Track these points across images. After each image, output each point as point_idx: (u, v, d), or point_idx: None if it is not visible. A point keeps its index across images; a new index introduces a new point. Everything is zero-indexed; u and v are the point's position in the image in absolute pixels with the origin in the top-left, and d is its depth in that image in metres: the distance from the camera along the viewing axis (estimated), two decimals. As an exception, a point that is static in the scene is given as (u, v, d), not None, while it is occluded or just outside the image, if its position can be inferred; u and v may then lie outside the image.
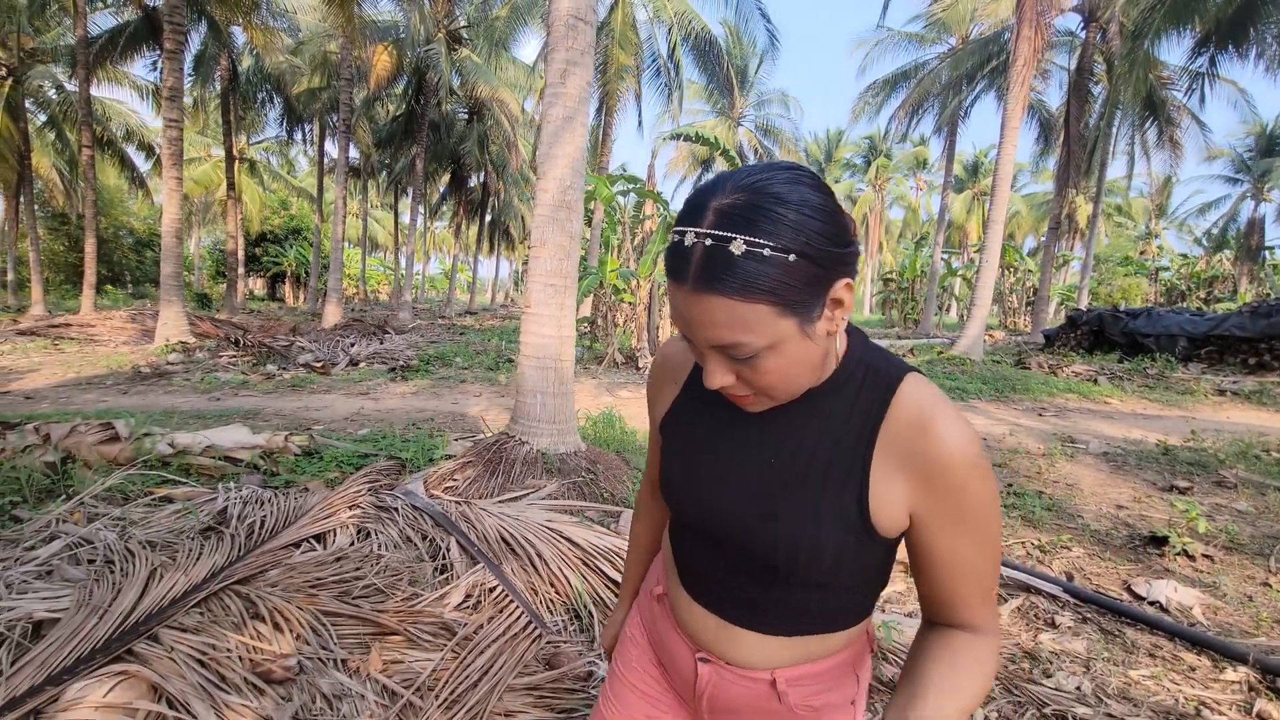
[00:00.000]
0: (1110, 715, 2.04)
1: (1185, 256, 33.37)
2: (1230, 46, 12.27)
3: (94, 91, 16.26)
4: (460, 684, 1.94)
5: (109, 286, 30.08)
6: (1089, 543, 3.54)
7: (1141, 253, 34.81)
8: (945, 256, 24.90)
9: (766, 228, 0.53)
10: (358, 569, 2.62)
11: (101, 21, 18.02)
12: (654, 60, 16.03)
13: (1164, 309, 13.69)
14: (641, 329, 10.49)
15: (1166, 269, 32.82)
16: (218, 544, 2.72)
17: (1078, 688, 2.20)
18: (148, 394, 7.04)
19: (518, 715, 1.88)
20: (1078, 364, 11.31)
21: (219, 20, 16.98)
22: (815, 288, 0.56)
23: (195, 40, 18.14)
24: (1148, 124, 17.30)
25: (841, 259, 0.57)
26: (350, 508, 3.06)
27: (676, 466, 0.76)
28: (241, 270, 22.44)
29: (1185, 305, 27.72)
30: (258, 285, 40.00)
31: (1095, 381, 9.91)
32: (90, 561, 2.65)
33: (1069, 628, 2.63)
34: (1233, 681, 2.28)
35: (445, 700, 1.88)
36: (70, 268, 30.09)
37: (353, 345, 10.21)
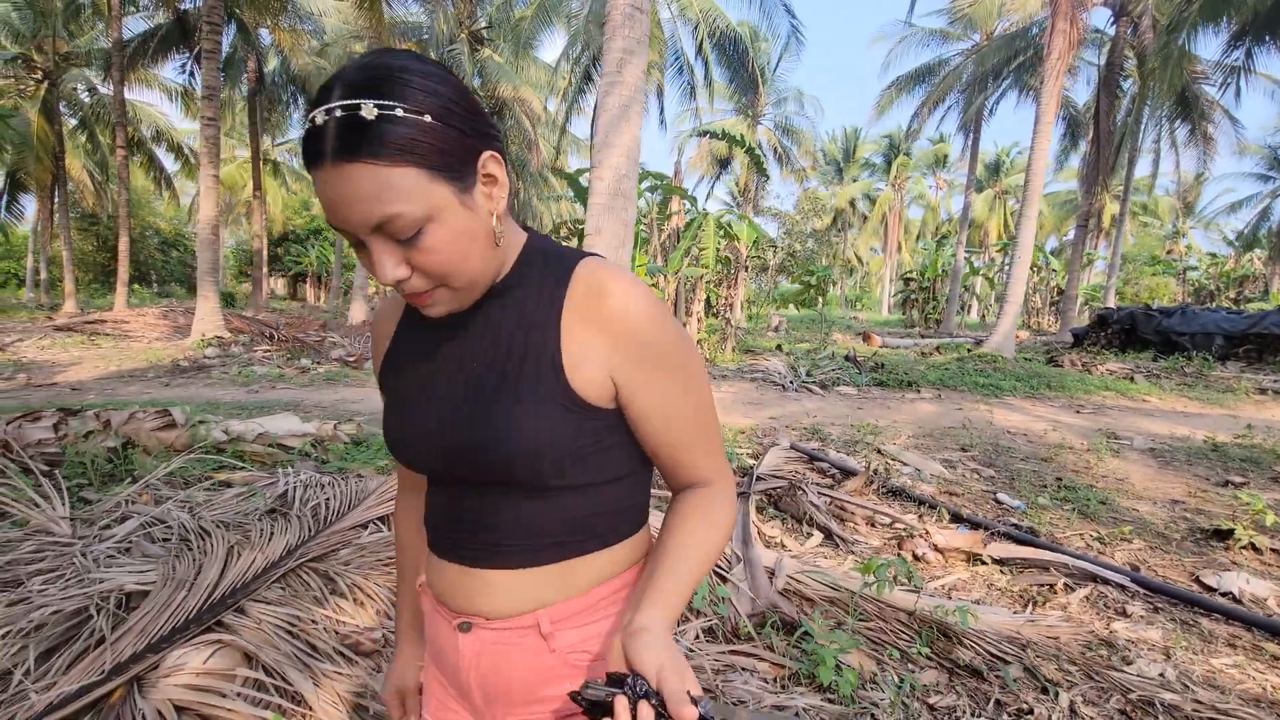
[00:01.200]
0: (1199, 702, 2.01)
1: (1214, 256, 32.73)
2: (1268, 39, 12.02)
3: (126, 94, 16.57)
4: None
5: (136, 285, 30.62)
6: (1149, 536, 3.48)
7: (1169, 252, 34.20)
8: (967, 255, 24.62)
9: (397, 91, 0.52)
10: (426, 550, 2.65)
11: (132, 25, 18.37)
12: (676, 58, 16.03)
13: (1199, 308, 13.44)
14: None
15: (1195, 268, 32.20)
16: (287, 525, 2.77)
17: (1161, 674, 2.17)
18: (188, 386, 7.16)
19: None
20: (1111, 362, 11.14)
21: (247, 23, 17.26)
22: (461, 154, 0.56)
23: (224, 42, 18.44)
24: (1178, 120, 16.99)
25: (480, 128, 0.58)
26: (411, 492, 3.09)
27: (394, 412, 0.73)
28: (265, 270, 22.77)
29: (1216, 305, 27.18)
30: (278, 285, 40.59)
31: (1132, 379, 9.75)
32: (164, 540, 2.71)
33: (1141, 617, 2.60)
34: (1320, 671, 2.24)
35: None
36: (99, 267, 30.71)
37: (383, 341, 10.33)
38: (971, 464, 4.83)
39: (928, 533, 3.17)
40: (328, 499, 3.08)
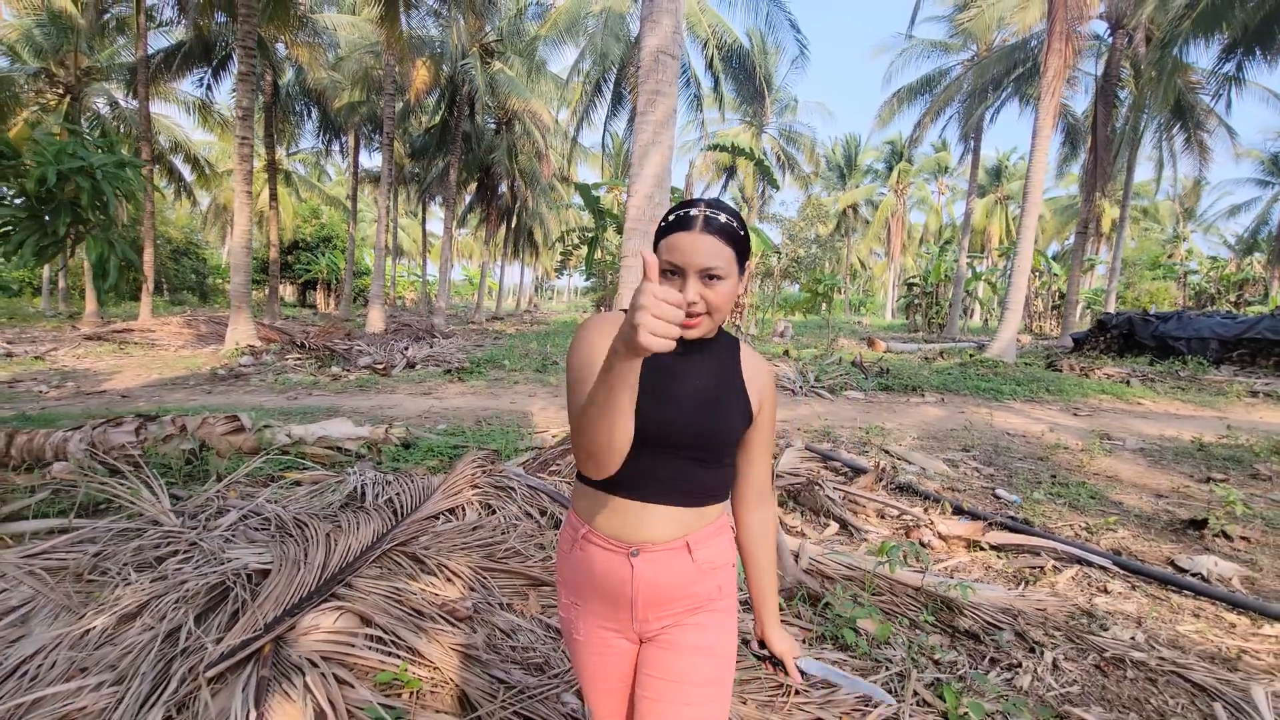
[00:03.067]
0: (1163, 659, 2.38)
1: (1215, 259, 32.99)
2: (1258, 51, 12.39)
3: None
4: (611, 623, 2.33)
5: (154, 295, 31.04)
6: (1133, 525, 3.85)
7: (1170, 256, 34.48)
8: (969, 260, 24.97)
9: (739, 220, 1.03)
10: (492, 536, 3.03)
11: (154, 42, 18.87)
12: (684, 71, 16.45)
13: (1194, 312, 13.77)
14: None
15: (1195, 272, 32.47)
16: (368, 516, 3.15)
17: (1132, 638, 2.54)
18: (230, 393, 7.56)
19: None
20: (1109, 366, 11.48)
21: (265, 37, 17.72)
22: (741, 260, 1.03)
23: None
24: (1175, 128, 17.36)
25: (749, 253, 1.06)
26: (471, 487, 3.47)
27: (646, 396, 1.00)
28: (279, 277, 23.21)
29: (1215, 309, 27.45)
30: (288, 291, 41.05)
31: (1128, 383, 10.10)
32: (261, 530, 3.09)
33: (1120, 594, 2.96)
34: (1270, 636, 2.60)
35: (602, 634, 2.28)
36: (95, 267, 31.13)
37: (406, 349, 10.72)
38: (973, 463, 5.19)
39: (932, 523, 3.54)
40: (398, 494, 3.46)
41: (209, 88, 20.04)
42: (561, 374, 9.84)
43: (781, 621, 2.64)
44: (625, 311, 0.98)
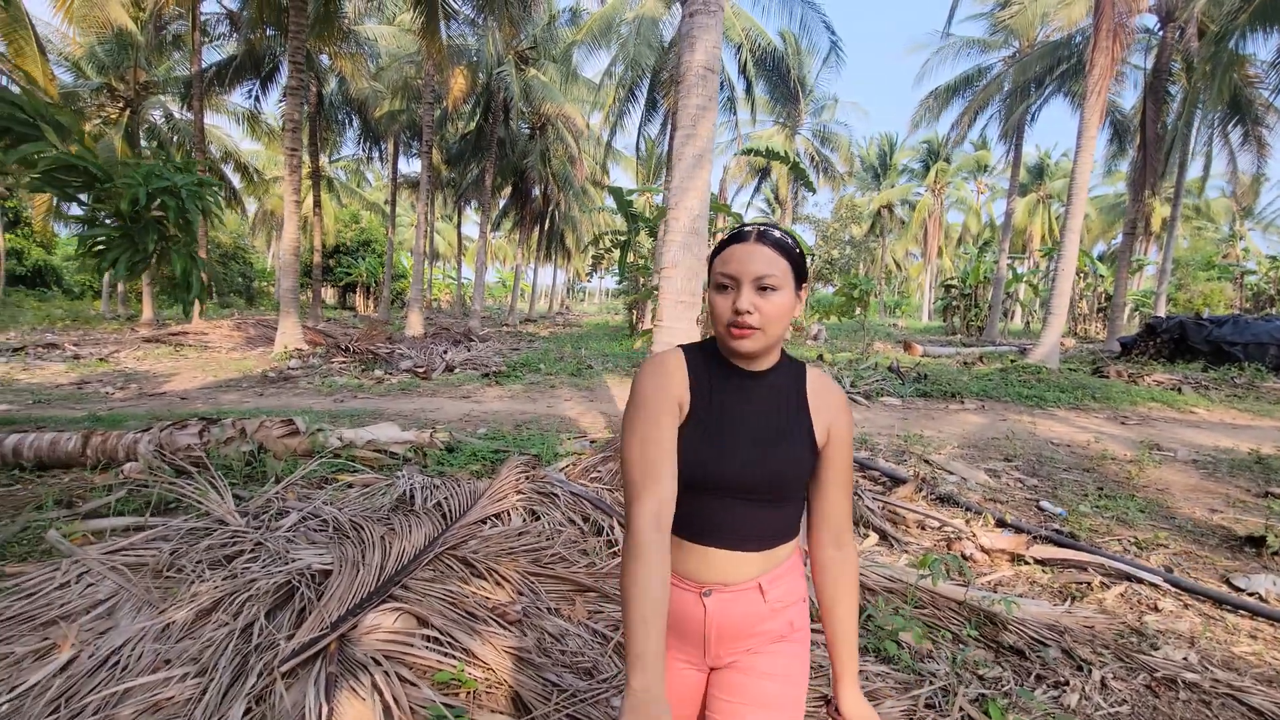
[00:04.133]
0: (1217, 681, 2.34)
1: (1274, 259, 31.49)
2: (1324, 44, 11.82)
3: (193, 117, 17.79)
4: (656, 630, 2.40)
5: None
6: (1185, 541, 3.75)
7: (1225, 256, 33.01)
8: (1010, 261, 24.35)
9: (789, 237, 1.04)
10: (537, 541, 3.12)
11: (205, 55, 19.68)
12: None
13: (1252, 316, 13.19)
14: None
15: (1253, 273, 31.06)
16: (418, 520, 3.28)
17: (1184, 658, 2.50)
18: (280, 395, 7.86)
19: (707, 655, 2.33)
20: (1159, 373, 11.09)
21: (310, 50, 18.34)
22: (797, 277, 1.04)
23: (287, 67, 19.66)
24: (1231, 124, 16.65)
25: (805, 276, 1.06)
26: (516, 493, 3.58)
27: (710, 439, 1.04)
28: (321, 281, 23.97)
29: (1275, 311, 26.21)
30: (329, 294, 42.29)
31: (1179, 390, 9.74)
32: (319, 530, 3.25)
33: (1172, 612, 2.91)
34: (1333, 660, 2.52)
35: (648, 641, 2.35)
36: (165, 279, 32.60)
37: (445, 352, 10.98)
38: (1015, 474, 5.11)
39: (974, 535, 3.52)
40: (445, 498, 3.59)
41: (257, 99, 20.83)
42: (595, 378, 9.95)
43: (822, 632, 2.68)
44: (684, 347, 1.14)
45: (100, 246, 2.32)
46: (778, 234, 1.03)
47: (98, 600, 2.58)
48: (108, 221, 2.29)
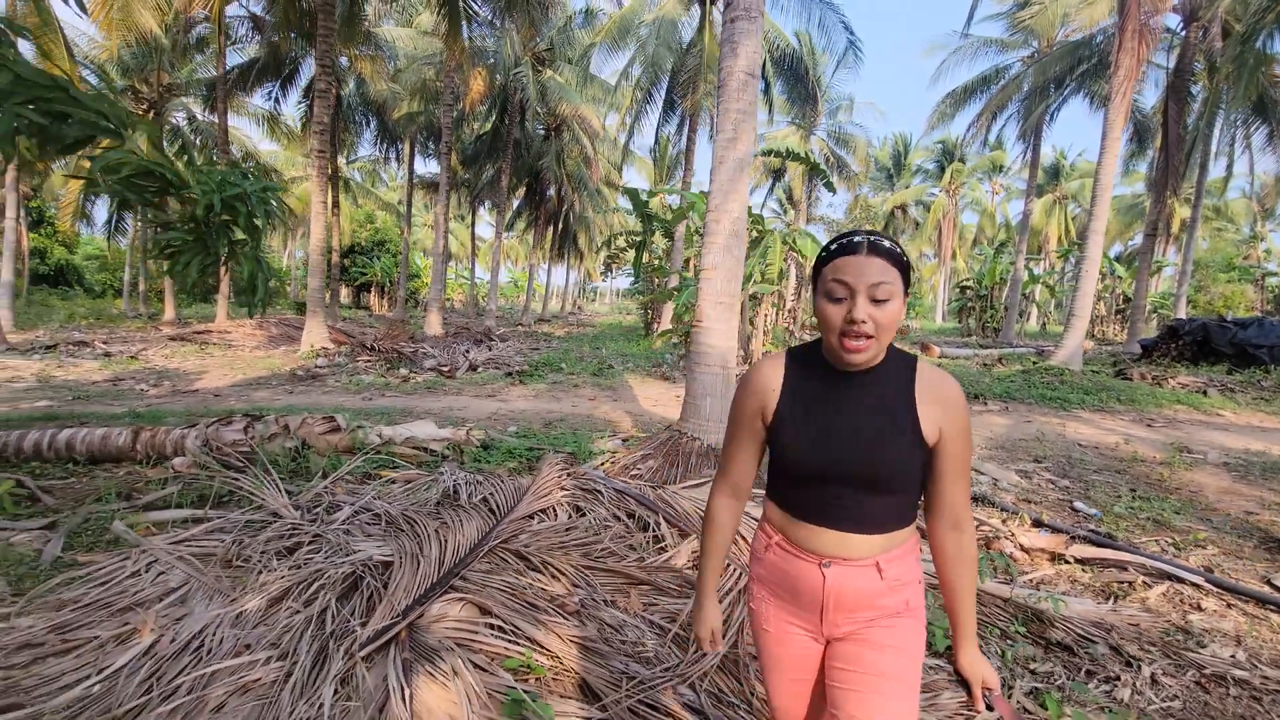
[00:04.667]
0: (1266, 678, 2.37)
1: (1296, 261, 31.06)
2: (1352, 43, 11.69)
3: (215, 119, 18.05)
4: (712, 622, 2.47)
5: (216, 296, 32.84)
6: (1224, 543, 3.76)
7: (1245, 257, 32.59)
8: (1026, 263, 24.19)
9: (897, 246, 1.08)
10: (585, 536, 3.20)
11: (228, 58, 19.96)
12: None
13: (1276, 318, 13.06)
14: (738, 338, 10.93)
15: (1274, 274, 30.64)
16: (466, 515, 3.36)
17: (1232, 656, 2.53)
18: (309, 393, 8.00)
19: (763, 647, 2.39)
20: (1183, 375, 11.01)
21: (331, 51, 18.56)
22: (905, 283, 1.07)
23: (307, 69, 19.92)
24: (1255, 126, 16.47)
25: (910, 283, 1.10)
26: (559, 489, 3.66)
27: (805, 436, 1.12)
28: (340, 281, 24.23)
29: (1297, 314, 25.85)
30: (344, 294, 42.66)
31: (1205, 393, 9.68)
32: (373, 524, 3.34)
33: (1215, 611, 2.93)
34: (1381, 659, 2.55)
35: (705, 632, 2.41)
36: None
37: (468, 352, 11.10)
38: (1046, 475, 5.13)
39: (1013, 535, 3.55)
40: (491, 494, 3.66)
41: (277, 100, 21.09)
42: (616, 378, 10.03)
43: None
44: (790, 350, 1.25)
45: (174, 249, 2.43)
46: (887, 244, 1.06)
47: (170, 588, 2.68)
48: (181, 227, 2.40)
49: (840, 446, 1.11)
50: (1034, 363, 12.10)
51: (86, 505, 3.67)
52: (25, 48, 11.38)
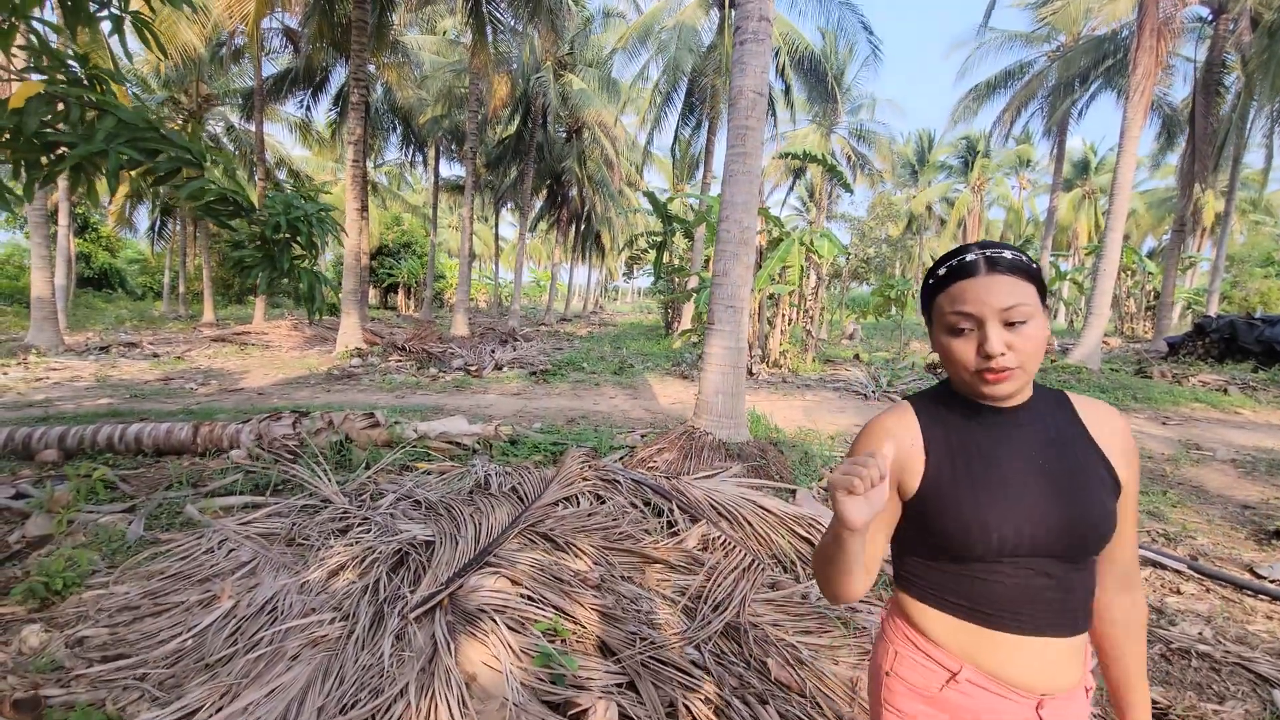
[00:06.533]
0: (1228, 652, 2.58)
1: (1338, 255, 30.10)
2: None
3: (251, 127, 18.79)
4: (718, 595, 2.76)
5: (250, 298, 33.94)
6: (1215, 533, 3.94)
7: (1284, 252, 31.66)
8: (1053, 259, 23.91)
9: (1020, 253, 0.87)
10: (605, 521, 3.51)
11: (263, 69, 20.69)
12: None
13: (1307, 315, 12.85)
14: (755, 338, 11.16)
15: (1314, 269, 29.73)
16: (498, 502, 3.69)
17: (1199, 633, 2.75)
18: (346, 392, 8.45)
19: (762, 616, 2.67)
20: (1205, 373, 10.95)
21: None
22: (1041, 296, 0.86)
23: (337, 77, 20.58)
24: (1289, 117, 16.14)
25: (1046, 291, 0.89)
26: (581, 479, 3.98)
27: (982, 501, 0.86)
28: (369, 283, 24.95)
29: (1337, 309, 25.10)
30: (372, 295, 43.66)
31: (1225, 391, 9.65)
32: (415, 510, 3.69)
33: (1193, 595, 3.13)
34: (1343, 638, 2.74)
35: (711, 604, 2.70)
36: (219, 281, 34.29)
37: (494, 352, 11.52)
38: (1049, 470, 5.30)
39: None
40: (518, 484, 4.00)
41: (308, 108, 21.82)
42: (637, 377, 10.33)
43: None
44: (910, 399, 0.99)
45: (246, 265, 2.80)
46: (1009, 254, 0.85)
47: (241, 562, 3.06)
48: (250, 246, 2.75)
49: (1035, 503, 0.86)
50: (1051, 361, 12.11)
51: (160, 492, 4.09)
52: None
